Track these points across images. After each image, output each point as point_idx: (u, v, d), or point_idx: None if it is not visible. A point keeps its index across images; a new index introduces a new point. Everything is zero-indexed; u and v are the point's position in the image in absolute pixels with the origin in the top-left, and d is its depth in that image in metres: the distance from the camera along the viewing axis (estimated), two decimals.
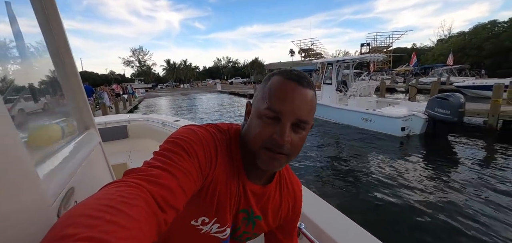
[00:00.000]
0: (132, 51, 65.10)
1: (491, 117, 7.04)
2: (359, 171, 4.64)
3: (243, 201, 0.57)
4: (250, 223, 0.60)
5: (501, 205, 3.27)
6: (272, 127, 0.47)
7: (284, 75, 0.49)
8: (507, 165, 4.70)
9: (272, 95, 0.47)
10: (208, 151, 0.49)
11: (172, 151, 0.43)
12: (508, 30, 29.11)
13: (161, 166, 0.39)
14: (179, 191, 0.39)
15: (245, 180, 0.56)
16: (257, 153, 0.49)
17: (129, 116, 3.22)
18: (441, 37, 43.93)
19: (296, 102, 0.47)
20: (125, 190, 0.32)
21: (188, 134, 0.48)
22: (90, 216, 0.26)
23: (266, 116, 0.47)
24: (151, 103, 22.13)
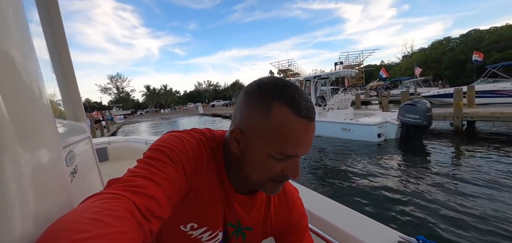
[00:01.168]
0: (109, 78, 63.31)
1: (456, 119, 7.70)
2: (343, 177, 4.76)
3: (229, 213, 0.55)
4: (239, 235, 0.58)
5: (469, 194, 3.56)
6: (282, 163, 0.44)
7: (296, 111, 0.41)
8: (473, 159, 5.13)
9: (284, 140, 0.41)
10: (193, 157, 0.46)
11: (156, 159, 0.42)
12: (461, 45, 32.83)
13: (146, 175, 0.38)
14: (164, 200, 0.37)
15: (230, 190, 0.53)
16: (262, 184, 0.47)
17: (109, 139, 3.08)
18: (405, 54, 48.20)
19: (310, 142, 0.44)
20: (110, 202, 0.32)
21: (172, 141, 0.46)
22: (76, 230, 0.25)
23: (275, 158, 0.43)
24: (131, 129, 21.27)
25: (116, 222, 0.28)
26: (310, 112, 0.42)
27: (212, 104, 55.52)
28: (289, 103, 0.41)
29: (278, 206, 0.60)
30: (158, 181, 0.38)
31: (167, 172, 0.40)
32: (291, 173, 0.44)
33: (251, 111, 0.44)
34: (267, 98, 0.42)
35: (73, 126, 1.03)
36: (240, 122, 0.46)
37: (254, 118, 0.43)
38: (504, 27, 31.10)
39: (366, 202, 3.66)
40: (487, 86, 11.54)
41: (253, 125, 0.43)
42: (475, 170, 4.52)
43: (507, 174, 4.17)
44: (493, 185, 3.81)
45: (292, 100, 0.41)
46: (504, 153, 5.31)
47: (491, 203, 3.27)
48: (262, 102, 0.42)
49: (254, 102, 0.44)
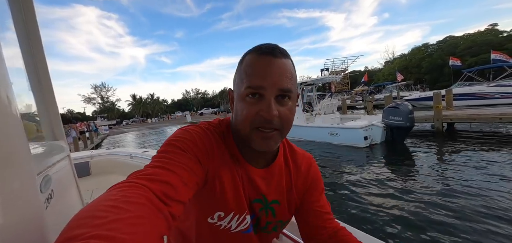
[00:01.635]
0: (93, 88, 61.32)
1: (437, 121, 8.03)
2: (333, 181, 4.78)
3: (252, 190, 0.56)
4: (269, 211, 0.58)
5: (453, 192, 3.71)
6: (257, 105, 0.47)
7: (256, 51, 0.48)
8: (455, 158, 5.34)
9: (249, 74, 0.47)
10: (202, 144, 0.49)
11: (167, 151, 0.44)
12: (438, 50, 34.66)
13: (160, 165, 0.40)
14: (179, 184, 0.39)
15: (247, 167, 0.55)
16: (249, 136, 0.49)
17: (92, 152, 2.92)
18: (387, 60, 50.19)
19: (275, 75, 0.46)
20: (127, 189, 0.33)
21: (181, 134, 0.49)
22: (95, 217, 0.27)
23: (248, 96, 0.47)
24: (117, 140, 20.50)
25: (132, 208, 0.29)
26: (272, 50, 0.48)
27: (200, 112, 54.89)
28: (254, 50, 0.49)
29: (297, 170, 0.63)
30: (171, 168, 0.40)
31: (179, 160, 0.42)
32: (264, 113, 0.46)
33: (236, 71, 0.52)
34: (244, 55, 0.51)
35: (51, 146, 0.96)
36: (232, 85, 0.55)
37: (236, 74, 0.52)
38: (476, 33, 33.27)
39: (355, 205, 3.68)
40: (464, 89, 12.15)
41: (235, 79, 0.52)
42: (457, 168, 4.70)
43: (485, 170, 4.39)
44: (473, 182, 3.97)
45: (258, 48, 0.49)
46: (482, 150, 5.60)
47: (472, 201, 3.40)
48: (241, 60, 0.51)
49: (238, 65, 0.52)
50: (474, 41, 30.68)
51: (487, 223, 2.85)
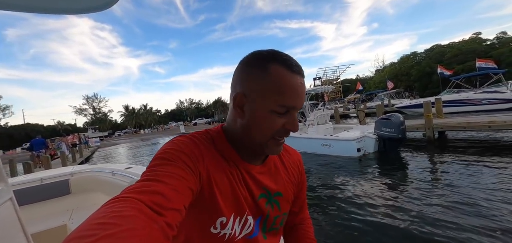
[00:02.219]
0: (85, 98, 60.25)
1: (428, 130, 8.10)
2: (327, 195, 4.68)
3: (255, 187, 0.56)
4: (274, 204, 0.59)
5: (446, 201, 3.69)
6: (281, 119, 0.50)
7: (288, 68, 0.49)
8: (447, 167, 5.35)
9: (282, 92, 0.48)
10: (189, 150, 0.48)
11: (156, 165, 0.44)
12: (426, 58, 35.69)
13: (148, 178, 0.40)
14: (171, 193, 0.38)
15: (245, 165, 0.56)
16: (266, 143, 0.52)
17: (73, 169, 2.74)
18: (378, 68, 51.39)
19: (302, 95, 0.51)
20: (116, 204, 0.32)
21: (167, 146, 0.49)
22: (82, 237, 0.26)
23: (277, 112, 0.49)
24: (108, 153, 19.92)
25: (123, 221, 0.29)
26: (300, 69, 0.50)
27: (194, 122, 54.43)
28: (283, 63, 0.49)
29: (290, 162, 0.67)
30: (160, 179, 0.40)
31: (167, 170, 0.42)
32: (291, 126, 0.51)
33: (252, 76, 0.50)
34: (264, 62, 0.49)
35: None
36: (241, 87, 0.51)
37: (255, 81, 0.49)
38: (462, 42, 34.52)
39: (349, 216, 3.59)
40: (453, 96, 12.44)
41: (255, 86, 0.49)
42: (450, 177, 4.69)
43: (477, 178, 4.41)
44: (466, 190, 3.96)
45: (285, 60, 0.49)
46: (473, 158, 5.65)
47: (465, 209, 3.37)
48: (261, 65, 0.49)
49: (252, 67, 0.50)
50: (460, 49, 31.78)
51: (480, 232, 2.82)
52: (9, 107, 49.00)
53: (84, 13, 0.74)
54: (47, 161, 8.98)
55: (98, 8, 0.75)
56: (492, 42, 31.94)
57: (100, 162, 15.31)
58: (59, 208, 2.41)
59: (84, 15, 0.75)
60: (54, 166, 9.86)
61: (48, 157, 9.31)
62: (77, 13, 0.75)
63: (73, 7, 0.74)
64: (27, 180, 2.39)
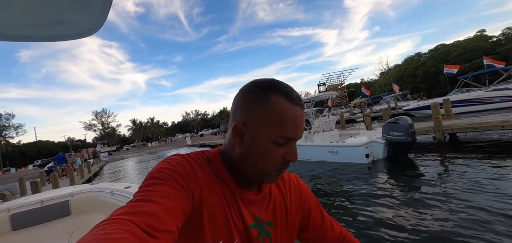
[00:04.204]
0: (94, 114, 61.57)
1: (438, 133, 7.87)
2: (336, 204, 4.55)
3: (246, 213, 0.54)
4: (265, 236, 0.56)
5: (463, 208, 3.51)
6: (281, 149, 0.50)
7: (288, 99, 0.48)
8: (460, 171, 5.13)
9: (282, 124, 0.48)
10: (182, 169, 0.47)
11: (148, 184, 0.43)
12: (431, 59, 35.23)
13: (140, 198, 0.39)
14: (163, 214, 0.37)
15: (238, 190, 0.54)
16: (267, 173, 0.51)
17: (73, 189, 2.75)
18: (382, 71, 50.90)
19: (302, 126, 0.51)
20: (108, 226, 0.32)
21: (159, 165, 0.48)
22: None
23: (277, 143, 0.49)
24: (116, 168, 20.08)
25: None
26: (300, 101, 0.51)
27: (200, 133, 54.75)
28: (284, 94, 0.49)
29: (287, 187, 0.64)
30: (152, 199, 0.39)
31: (159, 190, 0.41)
32: (291, 157, 0.50)
33: (252, 105, 0.50)
34: (264, 91, 0.49)
35: None
36: (241, 116, 0.51)
37: (255, 110, 0.49)
38: (466, 40, 34.02)
39: (364, 228, 3.46)
40: (462, 96, 12.13)
41: (255, 116, 0.49)
42: (464, 182, 4.48)
43: (493, 183, 4.19)
44: (482, 196, 3.76)
45: (285, 91, 0.49)
46: (487, 160, 5.42)
47: (482, 216, 3.19)
48: (262, 95, 0.49)
49: (253, 97, 0.50)
50: (465, 48, 31.29)
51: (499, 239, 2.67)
52: (22, 126, 50.41)
53: (69, 39, 0.74)
54: (55, 179, 9.07)
55: (82, 34, 0.75)
56: (498, 38, 31.35)
57: (108, 178, 15.45)
58: (59, 230, 2.41)
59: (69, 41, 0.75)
60: (63, 184, 9.98)
61: (56, 175, 9.44)
62: (62, 40, 0.76)
63: (58, 35, 0.74)
64: (27, 203, 2.41)
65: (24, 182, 9.85)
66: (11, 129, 48.81)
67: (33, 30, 0.67)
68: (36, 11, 0.57)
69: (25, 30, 0.67)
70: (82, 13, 0.63)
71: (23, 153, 51.85)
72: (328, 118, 9.17)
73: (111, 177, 15.73)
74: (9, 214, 2.27)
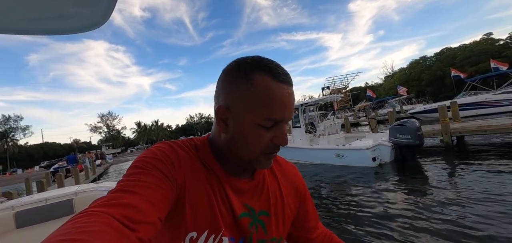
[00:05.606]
0: (100, 117, 62.33)
1: (445, 135, 7.73)
2: (341, 208, 4.48)
3: (236, 202, 0.50)
4: (258, 225, 0.52)
5: (470, 210, 3.48)
6: (269, 133, 0.46)
7: (273, 76, 0.44)
8: (470, 175, 5.02)
9: (269, 105, 0.43)
10: (165, 156, 0.45)
11: (130, 174, 0.41)
12: (436, 62, 34.88)
13: (120, 189, 0.37)
14: (143, 204, 0.35)
15: (227, 178, 0.50)
16: (256, 159, 0.48)
17: (77, 188, 2.78)
18: (387, 74, 50.55)
19: (291, 106, 0.46)
20: (84, 219, 0.30)
21: (142, 154, 0.46)
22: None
23: (263, 126, 0.45)
24: (121, 170, 20.16)
25: (90, 237, 0.27)
26: (288, 78, 0.46)
27: None
28: (268, 72, 0.44)
29: (284, 177, 0.60)
30: (133, 189, 0.37)
31: (140, 179, 0.39)
32: (280, 140, 0.46)
33: (234, 87, 0.45)
34: (247, 71, 0.44)
35: None
36: (224, 100, 0.47)
37: (238, 92, 0.45)
38: (473, 44, 33.62)
39: (370, 230, 3.38)
40: (470, 98, 11.95)
41: (238, 98, 0.45)
42: (474, 187, 4.36)
43: (503, 187, 4.07)
44: (491, 201, 3.65)
45: (270, 69, 0.44)
46: (496, 164, 5.30)
47: (492, 221, 3.09)
48: (244, 75, 0.44)
49: (235, 78, 0.45)
50: (472, 51, 30.91)
51: None
52: (29, 128, 51.35)
53: (74, 33, 0.74)
54: (60, 179, 9.17)
55: (89, 27, 0.75)
56: (505, 41, 30.91)
57: (112, 179, 15.55)
58: None
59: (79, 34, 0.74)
60: (68, 183, 10.08)
61: (61, 175, 9.56)
62: (67, 33, 0.76)
63: (63, 29, 0.74)
64: (31, 201, 2.44)
65: (30, 182, 9.99)
66: (19, 130, 49.76)
67: (39, 23, 0.67)
68: (43, 3, 0.57)
69: (30, 23, 0.67)
70: (88, 7, 0.63)
71: (30, 154, 52.59)
72: (333, 121, 9.10)
73: (116, 179, 15.82)
74: (13, 211, 2.30)
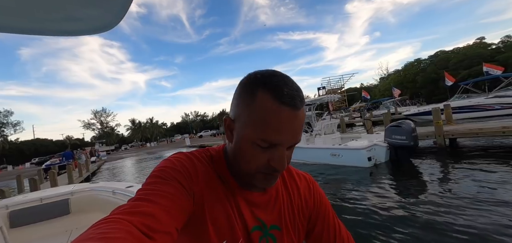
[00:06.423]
0: (93, 113, 61.36)
1: (439, 137, 7.89)
2: (337, 205, 4.52)
3: (250, 217, 0.51)
4: (269, 239, 0.52)
5: (462, 208, 3.61)
6: (267, 154, 0.44)
7: (277, 97, 0.41)
8: (463, 176, 5.14)
9: (265, 126, 0.42)
10: (183, 168, 0.46)
11: (149, 183, 0.43)
12: (431, 65, 35.42)
13: (141, 197, 0.39)
14: (162, 214, 0.37)
15: (241, 191, 0.51)
16: (252, 175, 0.47)
17: (73, 188, 2.74)
18: (382, 76, 51.10)
19: (293, 131, 0.43)
20: (105, 226, 0.32)
21: (162, 164, 0.47)
22: None
23: (259, 145, 0.44)
24: (114, 167, 19.97)
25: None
26: (293, 100, 0.42)
27: (199, 135, 54.56)
28: (271, 90, 0.42)
29: (296, 190, 0.59)
30: (152, 199, 0.38)
31: (160, 189, 0.40)
32: (276, 164, 0.44)
33: (240, 100, 0.46)
34: (253, 86, 0.44)
35: None
36: (231, 110, 0.49)
37: (242, 106, 0.45)
38: (466, 47, 34.22)
39: (364, 230, 3.44)
40: (463, 102, 12.17)
41: (241, 112, 0.45)
42: (469, 187, 4.48)
43: (493, 188, 4.21)
44: (482, 200, 3.78)
45: (275, 87, 0.42)
46: (488, 166, 5.44)
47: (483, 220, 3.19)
48: (249, 90, 0.44)
49: (243, 91, 0.46)
50: (465, 54, 31.45)
51: None
52: (20, 123, 50.24)
53: (87, 35, 0.73)
54: (53, 176, 9.00)
55: (100, 29, 0.73)
56: (497, 46, 31.58)
57: (106, 177, 15.37)
58: (58, 228, 2.40)
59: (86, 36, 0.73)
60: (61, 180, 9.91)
61: (54, 172, 9.39)
62: (80, 35, 0.75)
63: (75, 30, 0.73)
64: (26, 200, 2.39)
65: (22, 179, 9.77)
66: (9, 126, 48.63)
67: (50, 24, 0.66)
68: (55, 4, 0.56)
69: (41, 24, 0.66)
70: (101, 8, 0.62)
71: (21, 151, 51.51)
72: (329, 121, 9.18)
73: (109, 176, 15.64)
74: (7, 211, 2.25)
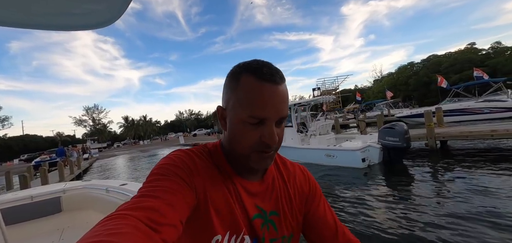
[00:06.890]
0: (85, 110, 60.07)
1: (430, 140, 8.06)
2: (332, 204, 4.56)
3: (249, 204, 0.53)
4: (270, 225, 0.55)
5: (452, 210, 3.71)
6: (257, 130, 0.48)
7: (257, 76, 0.46)
8: (453, 177, 5.31)
9: (250, 102, 0.46)
10: (183, 164, 0.48)
11: (151, 181, 0.44)
12: (423, 68, 36.14)
13: (144, 193, 0.41)
14: (165, 208, 0.38)
15: (240, 180, 0.54)
16: (248, 157, 0.50)
17: (65, 185, 2.68)
18: (376, 78, 51.84)
19: (277, 104, 0.47)
20: (111, 222, 0.33)
21: (161, 161, 0.49)
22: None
23: (249, 123, 0.47)
24: (106, 165, 19.66)
25: (120, 239, 0.29)
26: (273, 76, 0.47)
27: (193, 133, 54.20)
28: (252, 72, 0.47)
29: (291, 178, 0.62)
30: (155, 194, 0.40)
31: (162, 185, 0.42)
32: (267, 139, 0.47)
33: (228, 88, 0.50)
34: (237, 73, 0.49)
35: None
36: (223, 100, 0.53)
37: (229, 93, 0.50)
38: (457, 52, 35.03)
39: (358, 229, 3.49)
40: (454, 105, 12.49)
41: (230, 98, 0.50)
42: (459, 187, 4.62)
43: (481, 188, 4.37)
44: (471, 200, 3.93)
45: (255, 69, 0.47)
46: (476, 168, 5.61)
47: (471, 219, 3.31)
48: (234, 77, 0.49)
49: (229, 80, 0.50)
50: (456, 59, 32.19)
51: None
52: (8, 119, 48.76)
53: (87, 30, 0.72)
54: (44, 173, 8.81)
55: (100, 24, 0.73)
56: (487, 51, 32.45)
57: (97, 174, 15.11)
58: (49, 227, 2.35)
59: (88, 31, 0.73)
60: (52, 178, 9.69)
61: (45, 169, 9.17)
62: (80, 30, 0.74)
63: (75, 24, 0.72)
64: (17, 198, 2.33)
65: (11, 176, 9.51)
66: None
67: (51, 18, 0.65)
68: None
69: (42, 18, 0.65)
70: (102, 3, 0.62)
71: (9, 147, 50.06)
72: (324, 121, 9.26)
73: (101, 174, 15.39)
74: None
